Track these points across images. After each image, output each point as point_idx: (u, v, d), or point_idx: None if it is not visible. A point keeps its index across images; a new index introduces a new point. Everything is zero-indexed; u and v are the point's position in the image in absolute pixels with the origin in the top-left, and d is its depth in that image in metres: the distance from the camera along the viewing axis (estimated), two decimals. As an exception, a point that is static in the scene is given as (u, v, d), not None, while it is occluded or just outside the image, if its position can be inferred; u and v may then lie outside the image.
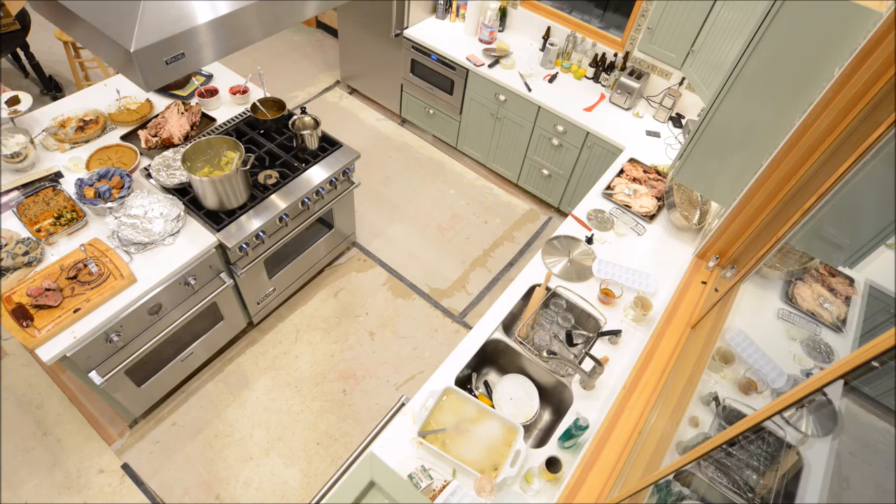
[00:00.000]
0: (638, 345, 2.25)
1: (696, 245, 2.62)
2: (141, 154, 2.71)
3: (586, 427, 1.92)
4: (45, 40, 4.80)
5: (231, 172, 2.42)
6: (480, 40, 3.84)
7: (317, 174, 2.83)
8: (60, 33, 3.90)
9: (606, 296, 2.38)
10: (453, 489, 1.85)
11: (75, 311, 2.13)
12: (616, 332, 2.22)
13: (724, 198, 2.36)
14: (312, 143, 2.91)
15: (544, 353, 1.99)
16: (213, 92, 3.08)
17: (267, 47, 5.17)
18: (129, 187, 2.50)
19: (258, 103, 2.96)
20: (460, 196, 4.10)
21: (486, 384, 2.27)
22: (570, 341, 2.31)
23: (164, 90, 3.07)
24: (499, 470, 1.87)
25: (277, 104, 3.01)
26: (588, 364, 2.18)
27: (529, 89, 3.51)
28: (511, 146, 3.87)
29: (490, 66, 3.64)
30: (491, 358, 2.35)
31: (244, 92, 3.06)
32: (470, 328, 2.33)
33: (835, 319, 2.24)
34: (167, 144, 2.75)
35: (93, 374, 2.26)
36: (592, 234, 2.65)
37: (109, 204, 2.41)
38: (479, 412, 2.00)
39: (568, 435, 1.95)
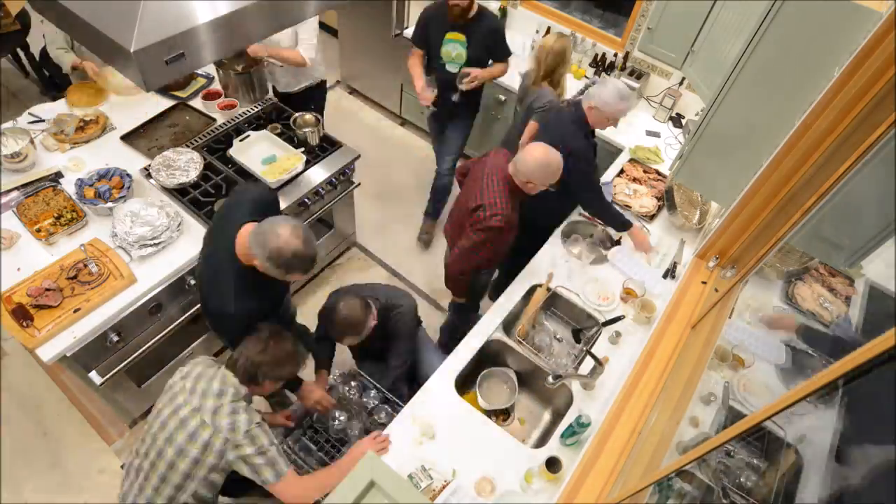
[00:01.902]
0: (638, 345, 2.25)
1: (696, 245, 2.62)
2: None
3: (588, 424, 1.92)
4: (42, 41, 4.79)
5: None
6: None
7: (316, 174, 2.83)
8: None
9: (628, 294, 2.42)
10: (453, 489, 1.85)
11: (75, 311, 2.13)
12: (619, 318, 2.23)
13: (724, 198, 2.36)
14: (314, 140, 2.91)
15: (550, 380, 1.99)
16: (217, 94, 3.08)
17: (267, 47, 5.17)
18: (128, 187, 2.49)
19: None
20: (460, 196, 4.10)
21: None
22: (577, 339, 2.33)
23: (164, 90, 3.07)
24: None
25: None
26: (588, 364, 2.18)
27: (529, 89, 3.50)
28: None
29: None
30: (491, 358, 2.35)
31: (232, 107, 3.06)
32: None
33: (834, 319, 2.24)
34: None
35: (93, 374, 2.26)
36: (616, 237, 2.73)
37: (109, 204, 2.41)
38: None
39: (570, 432, 1.95)
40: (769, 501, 1.52)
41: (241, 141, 2.80)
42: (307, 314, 3.29)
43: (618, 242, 2.66)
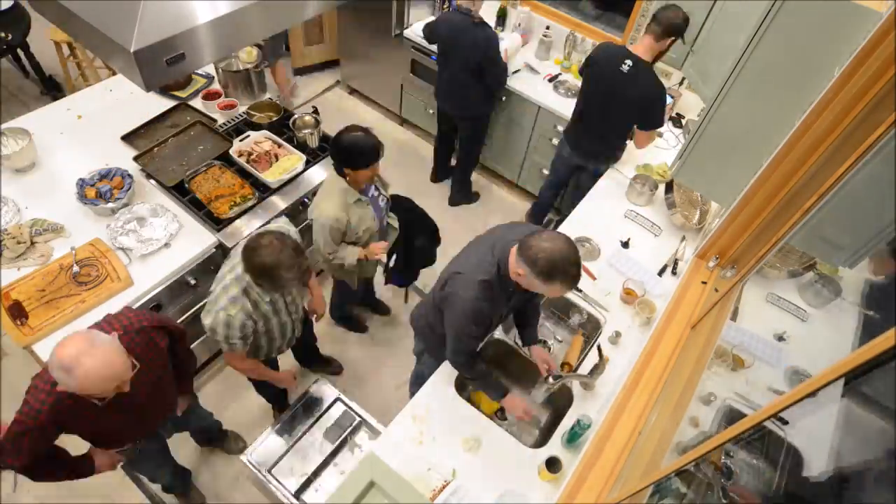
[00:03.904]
0: (638, 345, 2.25)
1: (696, 245, 2.62)
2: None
3: (589, 425, 1.93)
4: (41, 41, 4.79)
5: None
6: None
7: (317, 174, 2.83)
8: (52, 33, 3.89)
9: (628, 295, 2.41)
10: (453, 489, 1.85)
11: (70, 312, 2.12)
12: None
13: (724, 198, 2.35)
14: (313, 143, 2.91)
15: (550, 379, 1.99)
16: (217, 94, 3.09)
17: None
18: (129, 187, 2.50)
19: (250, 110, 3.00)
20: (460, 196, 4.09)
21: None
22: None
23: (164, 90, 3.07)
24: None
25: (272, 106, 3.05)
26: (588, 364, 2.18)
27: (529, 89, 3.50)
28: (511, 146, 3.87)
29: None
30: (492, 358, 2.35)
31: (232, 107, 3.06)
32: (470, 328, 2.32)
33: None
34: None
35: (93, 374, 2.26)
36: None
37: (110, 204, 2.41)
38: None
39: (574, 436, 1.96)
40: (769, 502, 1.52)
41: (241, 141, 2.80)
42: (307, 314, 3.30)
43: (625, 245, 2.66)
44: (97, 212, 2.44)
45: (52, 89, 4.34)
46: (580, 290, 2.42)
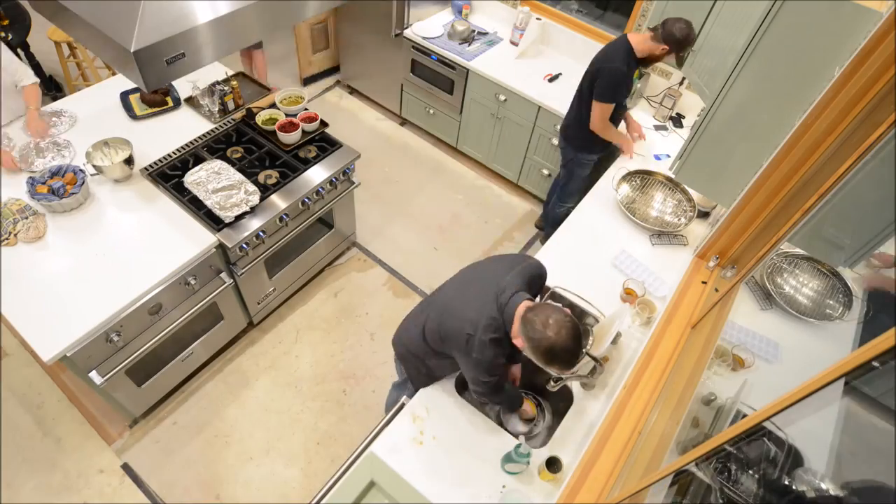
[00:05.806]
0: (638, 345, 2.25)
1: (696, 245, 2.62)
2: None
3: (528, 454, 1.82)
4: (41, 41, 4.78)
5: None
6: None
7: (317, 174, 2.83)
8: (52, 33, 3.89)
9: (629, 294, 2.41)
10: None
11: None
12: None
13: (724, 198, 2.36)
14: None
15: (551, 382, 1.99)
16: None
17: (266, 47, 5.16)
18: (82, 183, 2.48)
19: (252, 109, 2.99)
20: (460, 196, 4.10)
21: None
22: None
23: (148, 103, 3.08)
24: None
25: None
26: (588, 364, 2.18)
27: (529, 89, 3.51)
28: (511, 146, 3.87)
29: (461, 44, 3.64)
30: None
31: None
32: (470, 328, 2.31)
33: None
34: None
35: (93, 374, 2.26)
36: None
37: (65, 200, 2.40)
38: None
39: (508, 458, 1.87)
40: (768, 501, 1.52)
41: (192, 175, 2.61)
42: (307, 314, 3.30)
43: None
44: (51, 209, 2.42)
45: (52, 89, 4.34)
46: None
